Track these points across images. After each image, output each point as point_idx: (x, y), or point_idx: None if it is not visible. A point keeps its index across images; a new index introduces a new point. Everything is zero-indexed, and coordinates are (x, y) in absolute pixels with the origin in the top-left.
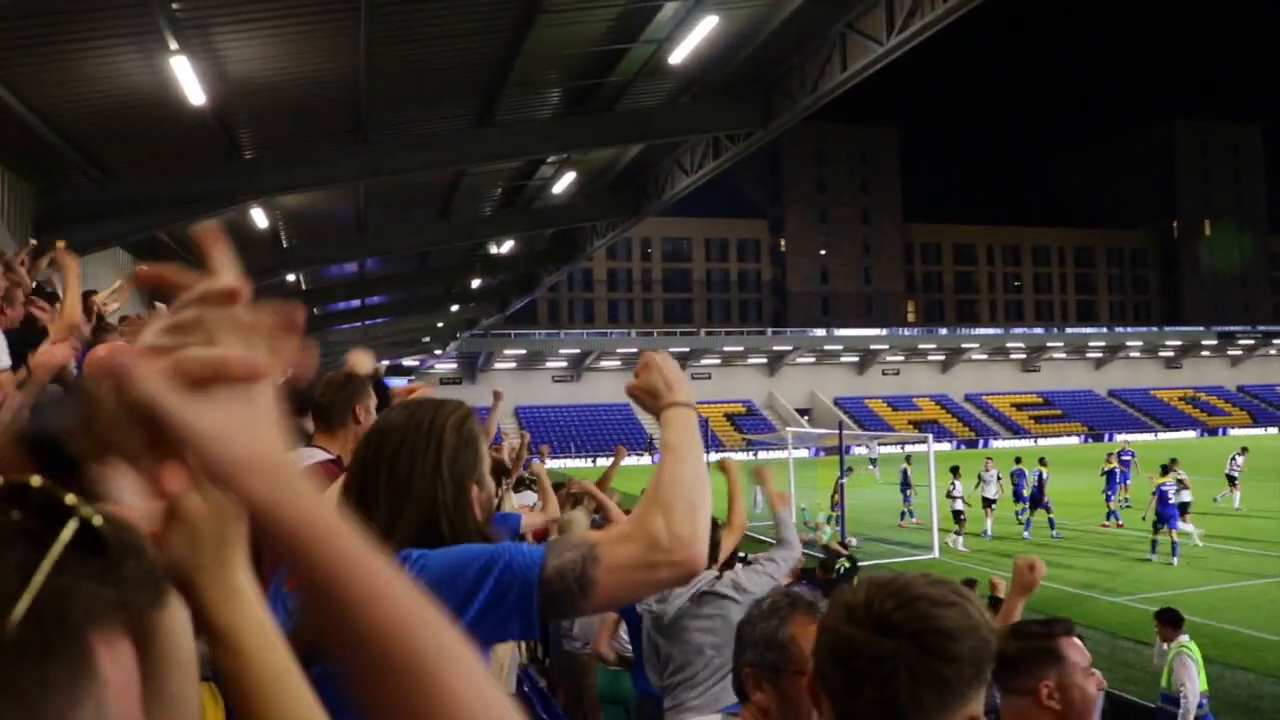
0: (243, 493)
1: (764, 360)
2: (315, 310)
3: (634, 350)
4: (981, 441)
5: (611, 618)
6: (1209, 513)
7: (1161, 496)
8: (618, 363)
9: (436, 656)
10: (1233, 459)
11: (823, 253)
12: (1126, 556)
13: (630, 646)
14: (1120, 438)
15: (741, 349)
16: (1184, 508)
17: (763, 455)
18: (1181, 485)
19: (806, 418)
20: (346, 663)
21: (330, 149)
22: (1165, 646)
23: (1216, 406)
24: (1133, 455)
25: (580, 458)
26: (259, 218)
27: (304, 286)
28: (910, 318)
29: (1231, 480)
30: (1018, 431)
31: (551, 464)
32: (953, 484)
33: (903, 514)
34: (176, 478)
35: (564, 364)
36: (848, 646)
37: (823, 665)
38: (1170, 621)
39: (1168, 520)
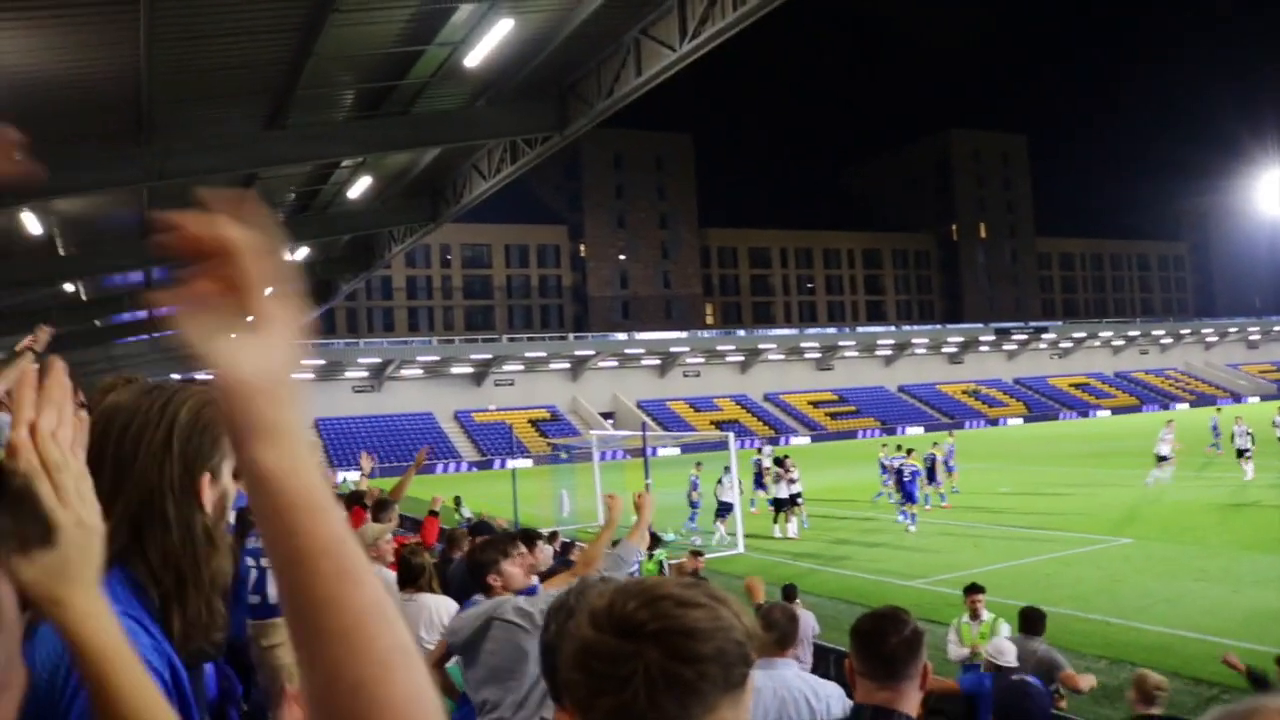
0: (245, 451)
1: (567, 365)
2: (98, 323)
3: (435, 358)
4: (782, 439)
5: (442, 644)
6: (990, 495)
7: (899, 475)
8: (419, 371)
9: (398, 651)
10: (1162, 438)
11: (622, 258)
12: (919, 543)
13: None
14: (910, 430)
15: (544, 354)
16: (793, 499)
17: (568, 462)
18: (791, 480)
19: (610, 421)
20: (311, 646)
21: (109, 150)
22: (971, 620)
23: (996, 398)
24: (952, 447)
25: (385, 468)
26: (30, 223)
27: (84, 297)
28: (709, 320)
29: (1163, 459)
30: (815, 428)
31: (352, 475)
32: (770, 473)
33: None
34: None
35: (364, 374)
36: (587, 650)
37: (567, 673)
38: (978, 592)
39: (909, 498)
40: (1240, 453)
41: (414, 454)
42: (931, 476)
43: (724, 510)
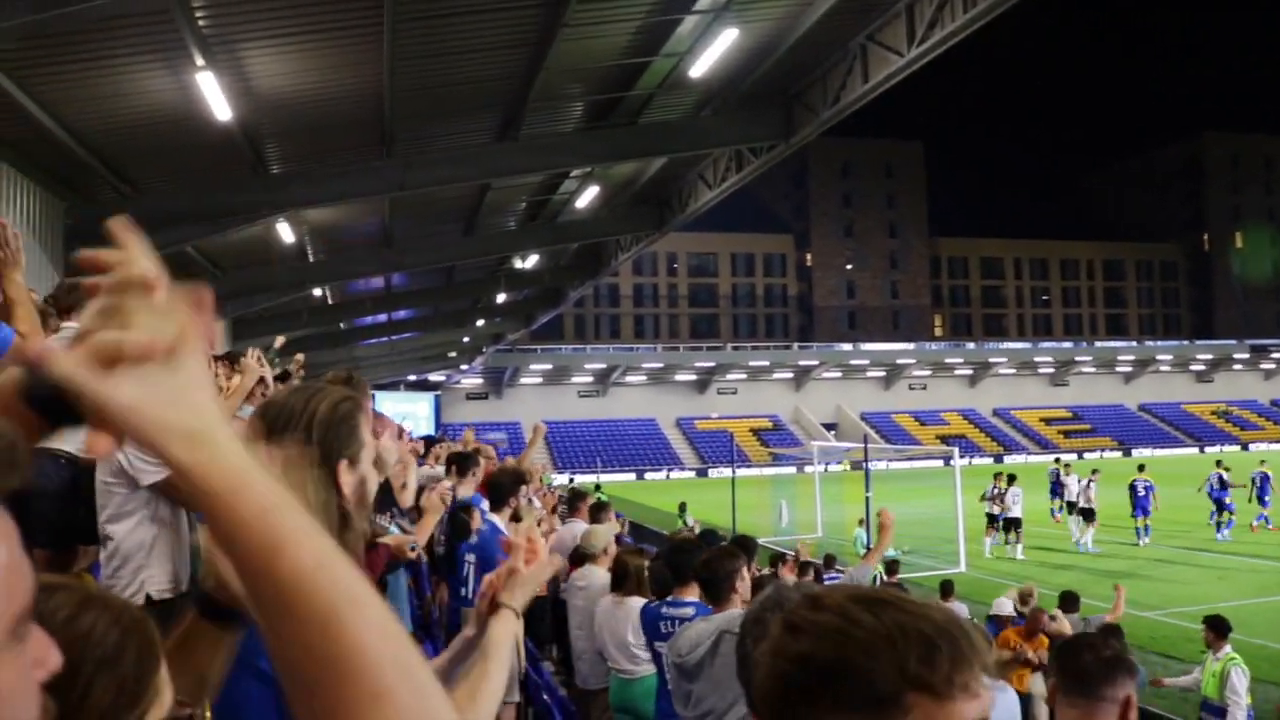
0: (163, 455)
1: (790, 375)
2: (343, 325)
3: (660, 365)
4: (1009, 457)
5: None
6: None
7: (1133, 491)
8: (644, 378)
9: (338, 604)
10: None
11: (849, 267)
12: (1159, 572)
13: (645, 654)
14: (1151, 452)
15: (767, 363)
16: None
17: (788, 470)
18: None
19: (833, 432)
20: (258, 613)
21: (355, 163)
22: (1213, 656)
23: (1249, 421)
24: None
25: (607, 472)
26: (285, 232)
27: (330, 301)
28: (937, 332)
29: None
30: (1046, 446)
31: (579, 478)
32: (994, 489)
33: (1053, 511)
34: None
35: (590, 379)
36: (766, 648)
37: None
38: (1218, 629)
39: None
40: None
41: (636, 459)
42: (1262, 496)
43: (1012, 525)
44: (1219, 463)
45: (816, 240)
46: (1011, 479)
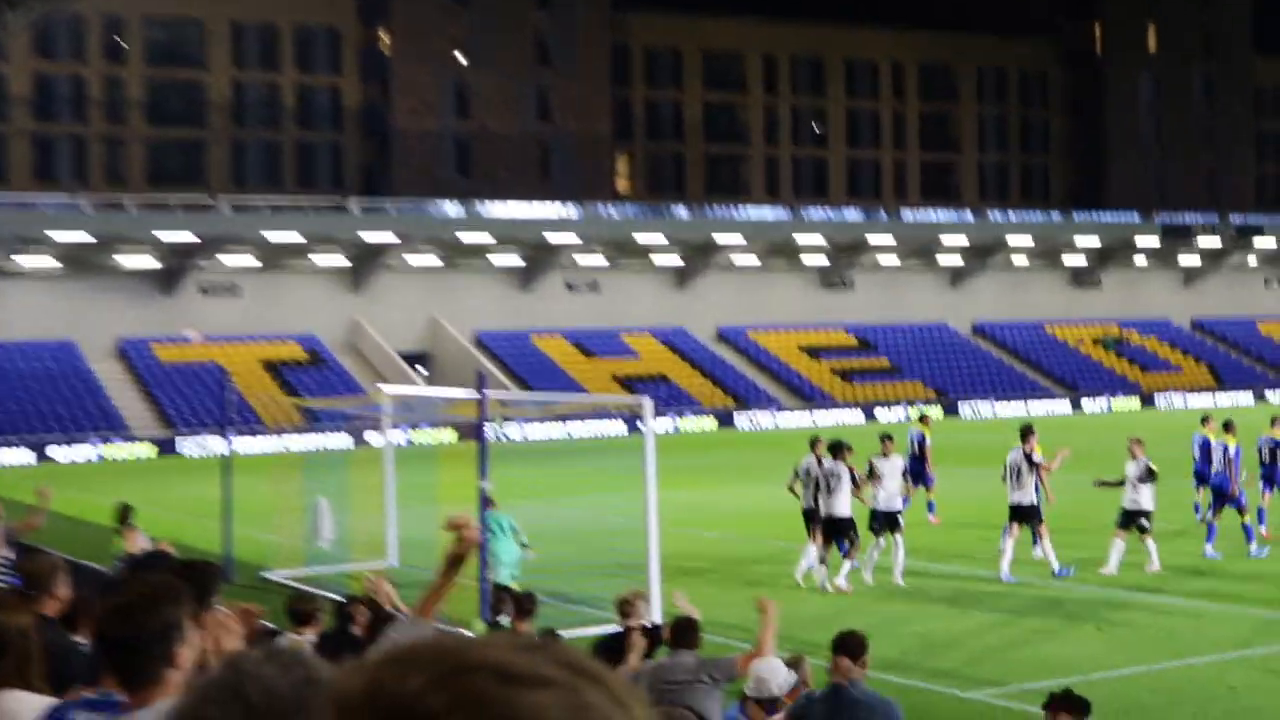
0: None
1: (344, 260)
2: None
3: (84, 239)
4: (742, 414)
5: None
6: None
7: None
8: (49, 262)
9: None
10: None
11: (460, 59)
12: (1006, 615)
13: None
14: (975, 406)
15: (300, 238)
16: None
17: (336, 441)
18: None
19: (423, 368)
20: None
21: None
22: None
23: (1156, 354)
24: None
25: None
26: None
27: None
28: (621, 185)
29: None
30: (810, 396)
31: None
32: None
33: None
34: None
35: None
36: None
37: None
38: (1074, 709)
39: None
40: None
41: (38, 423)
42: (1271, 477)
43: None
44: (1205, 419)
45: (399, 5)
46: (886, 436)
